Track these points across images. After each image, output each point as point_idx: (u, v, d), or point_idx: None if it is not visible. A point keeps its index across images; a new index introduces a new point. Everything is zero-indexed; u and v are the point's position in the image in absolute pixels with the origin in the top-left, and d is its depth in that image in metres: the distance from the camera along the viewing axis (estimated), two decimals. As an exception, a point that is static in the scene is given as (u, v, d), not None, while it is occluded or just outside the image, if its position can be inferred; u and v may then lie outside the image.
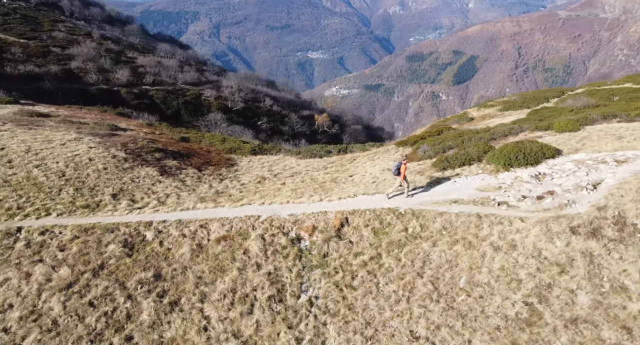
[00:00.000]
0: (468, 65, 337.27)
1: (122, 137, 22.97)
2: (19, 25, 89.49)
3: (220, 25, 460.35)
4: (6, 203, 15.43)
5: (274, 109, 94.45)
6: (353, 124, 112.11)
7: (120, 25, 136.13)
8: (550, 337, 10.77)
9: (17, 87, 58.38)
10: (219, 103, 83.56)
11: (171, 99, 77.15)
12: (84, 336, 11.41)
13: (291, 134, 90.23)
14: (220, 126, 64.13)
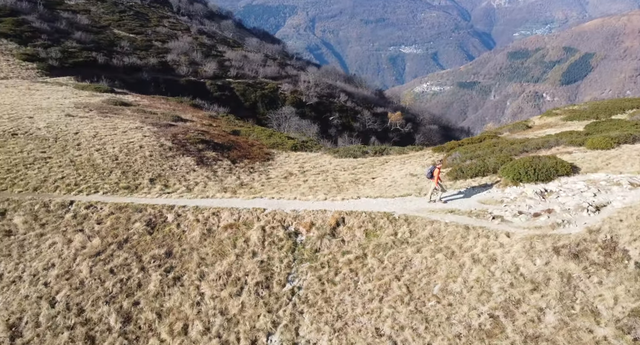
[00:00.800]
0: (581, 63, 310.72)
1: (177, 128, 25.80)
2: (131, 21, 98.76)
3: (316, 19, 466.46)
4: (67, 179, 18.54)
5: (347, 104, 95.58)
6: (429, 124, 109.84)
7: (219, 20, 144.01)
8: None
9: (120, 76, 65.23)
10: (293, 97, 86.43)
11: (250, 91, 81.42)
12: (101, 297, 13.81)
13: (361, 131, 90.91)
14: (290, 120, 66.76)
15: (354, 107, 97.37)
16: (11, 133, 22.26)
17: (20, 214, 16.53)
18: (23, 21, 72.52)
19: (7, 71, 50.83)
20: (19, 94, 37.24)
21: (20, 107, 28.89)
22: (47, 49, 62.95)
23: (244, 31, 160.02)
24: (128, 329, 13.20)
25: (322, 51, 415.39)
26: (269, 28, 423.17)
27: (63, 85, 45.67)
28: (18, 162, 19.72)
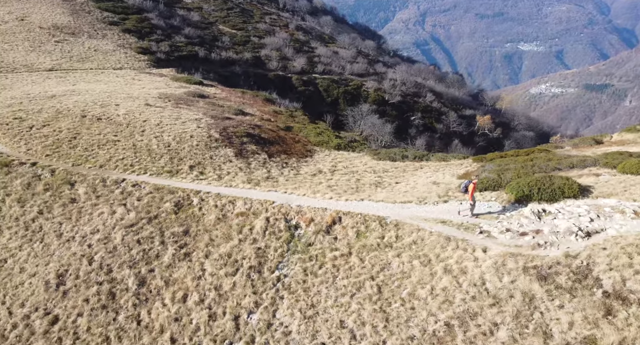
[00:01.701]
0: None
1: (232, 121, 28.60)
2: (236, 18, 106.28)
3: (427, 13, 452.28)
4: (125, 160, 22.05)
5: (433, 105, 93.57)
6: (525, 129, 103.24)
7: (321, 16, 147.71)
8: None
9: (216, 69, 71.15)
10: (376, 95, 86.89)
11: (333, 88, 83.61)
12: (126, 262, 16.70)
13: (444, 133, 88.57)
14: (366, 117, 67.57)
15: (440, 108, 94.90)
16: (97, 118, 26.65)
17: (84, 186, 20.21)
18: (145, 18, 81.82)
19: (123, 62, 58.40)
20: (122, 83, 43.17)
21: (115, 95, 33.88)
22: (159, 43, 70.71)
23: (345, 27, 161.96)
24: (141, 291, 15.90)
25: (430, 47, 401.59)
26: (377, 22, 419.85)
27: (162, 76, 51.58)
28: (94, 143, 23.77)
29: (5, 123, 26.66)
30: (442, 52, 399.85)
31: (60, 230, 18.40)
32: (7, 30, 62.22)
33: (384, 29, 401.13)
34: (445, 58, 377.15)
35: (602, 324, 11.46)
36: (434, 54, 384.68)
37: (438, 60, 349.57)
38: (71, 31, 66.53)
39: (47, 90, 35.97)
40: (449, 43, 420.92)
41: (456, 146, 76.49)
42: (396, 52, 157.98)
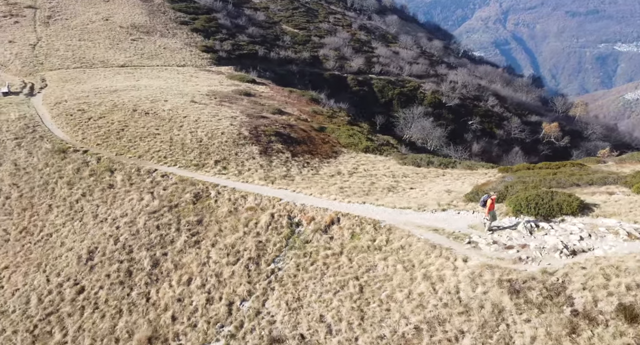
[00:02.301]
0: None
1: (266, 120, 30.11)
2: (300, 18, 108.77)
3: (510, 11, 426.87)
4: (161, 153, 24.27)
5: (494, 109, 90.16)
6: (600, 139, 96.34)
7: (390, 15, 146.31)
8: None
9: (273, 68, 73.70)
10: (433, 97, 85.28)
11: (388, 89, 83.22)
12: (145, 244, 18.64)
13: (504, 139, 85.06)
14: (417, 120, 66.71)
15: (502, 113, 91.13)
16: (145, 112, 29.32)
17: (122, 174, 22.59)
18: (213, 18, 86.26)
19: (187, 60, 62.38)
20: (180, 80, 46.44)
21: (168, 91, 36.77)
22: (223, 42, 74.46)
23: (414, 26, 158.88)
24: (153, 272, 17.73)
25: (511, 46, 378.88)
26: (454, 21, 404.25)
27: (219, 74, 54.61)
28: (138, 135, 26.30)
29: (70, 114, 30.13)
30: (523, 52, 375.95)
31: (97, 212, 20.83)
32: (93, 29, 68.34)
33: (461, 28, 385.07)
34: (526, 59, 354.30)
35: (564, 341, 11.50)
36: (515, 54, 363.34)
37: (519, 61, 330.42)
38: (146, 30, 71.79)
39: (112, 84, 39.74)
40: (533, 43, 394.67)
41: (516, 154, 73.37)
42: (467, 52, 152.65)
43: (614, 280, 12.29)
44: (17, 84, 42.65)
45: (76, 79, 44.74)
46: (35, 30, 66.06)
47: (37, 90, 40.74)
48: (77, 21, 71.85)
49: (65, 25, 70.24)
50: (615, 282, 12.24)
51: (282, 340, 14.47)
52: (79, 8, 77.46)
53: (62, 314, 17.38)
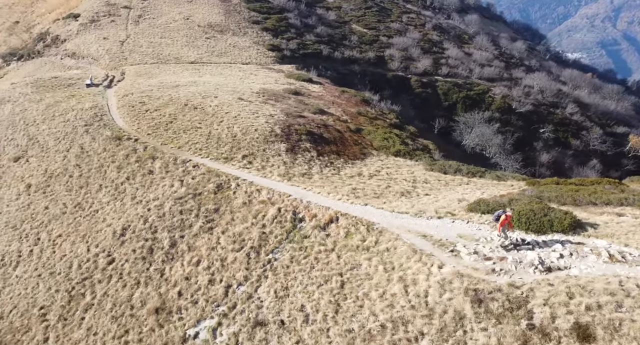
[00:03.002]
0: None
1: (303, 119, 31.48)
2: (371, 17, 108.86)
3: (623, 8, 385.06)
4: (197, 145, 26.61)
5: (573, 117, 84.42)
6: None
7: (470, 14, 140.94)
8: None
9: (336, 67, 74.98)
10: (502, 102, 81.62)
11: (453, 91, 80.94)
12: (167, 226, 20.85)
13: (581, 150, 79.38)
14: (477, 126, 64.42)
15: (582, 122, 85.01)
16: (194, 107, 32.02)
17: (161, 162, 25.18)
18: (284, 18, 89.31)
19: (252, 58, 65.67)
20: (238, 77, 49.36)
21: (222, 88, 39.46)
22: (289, 41, 77.12)
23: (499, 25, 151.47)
24: (170, 251, 19.89)
25: (621, 47, 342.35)
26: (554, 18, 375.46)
27: (279, 72, 56.97)
28: (182, 128, 28.95)
29: (132, 105, 33.69)
30: (636, 52, 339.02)
31: (135, 194, 23.53)
32: (174, 28, 73.90)
33: (561, 26, 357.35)
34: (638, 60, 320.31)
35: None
36: (625, 55, 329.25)
37: (629, 64, 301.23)
38: (220, 29, 76.25)
39: (176, 80, 43.36)
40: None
41: (593, 167, 68.59)
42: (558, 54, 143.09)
43: (576, 299, 12.21)
44: (100, 77, 47.95)
45: (149, 73, 49.26)
46: (126, 28, 72.73)
47: (114, 83, 45.58)
48: (161, 20, 77.96)
49: (151, 23, 76.50)
50: (577, 301, 12.17)
51: (265, 324, 15.84)
52: (166, 8, 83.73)
53: (94, 280, 20.10)
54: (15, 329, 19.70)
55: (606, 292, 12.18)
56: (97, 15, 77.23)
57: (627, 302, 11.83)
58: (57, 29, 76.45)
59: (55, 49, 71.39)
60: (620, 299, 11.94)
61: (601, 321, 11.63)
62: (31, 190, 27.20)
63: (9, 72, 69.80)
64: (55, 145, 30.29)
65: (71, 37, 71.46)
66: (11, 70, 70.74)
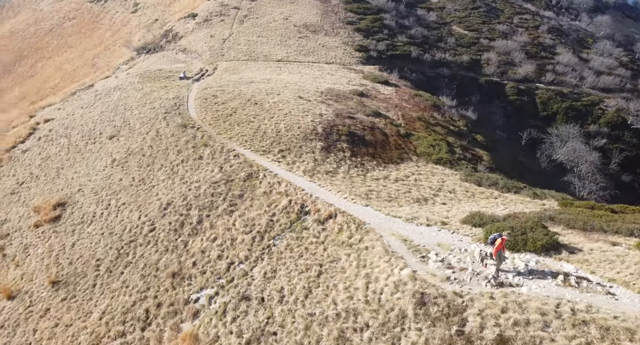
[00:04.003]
0: None
1: (350, 121, 32.77)
2: (476, 18, 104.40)
3: None
4: (245, 137, 29.50)
5: None
6: None
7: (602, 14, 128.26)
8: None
9: (423, 70, 74.33)
10: (615, 116, 73.81)
11: (555, 101, 74.96)
12: (199, 205, 23.92)
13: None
14: (569, 140, 59.27)
15: None
16: (254, 102, 35.14)
17: (210, 149, 28.47)
18: (379, 19, 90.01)
19: (337, 57, 67.94)
20: (315, 76, 51.95)
21: (291, 85, 42.25)
22: (379, 42, 77.91)
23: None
24: (196, 227, 22.93)
25: None
26: None
27: (358, 73, 58.54)
28: (238, 121, 32.15)
29: (205, 98, 37.95)
30: None
31: (184, 176, 27.13)
32: (272, 27, 78.95)
33: None
34: None
35: None
36: None
37: None
38: (314, 29, 79.70)
39: (255, 76, 47.24)
40: None
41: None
42: None
43: (508, 314, 12.54)
44: (194, 71, 53.87)
45: (235, 69, 54.06)
46: (231, 27, 79.42)
47: (204, 77, 50.98)
48: (263, 20, 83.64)
49: (254, 23, 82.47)
50: (508, 315, 12.49)
51: (249, 299, 18.01)
52: (269, 8, 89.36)
53: (137, 243, 23.93)
54: (76, 273, 24.29)
55: (538, 311, 12.28)
56: (211, 14, 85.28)
57: (555, 323, 11.86)
58: (178, 27, 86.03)
59: (173, 45, 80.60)
60: (549, 319, 12.00)
61: (524, 337, 11.84)
62: (114, 164, 32.40)
63: (137, 63, 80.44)
64: (139, 127, 35.47)
65: (186, 34, 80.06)
66: (139, 62, 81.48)
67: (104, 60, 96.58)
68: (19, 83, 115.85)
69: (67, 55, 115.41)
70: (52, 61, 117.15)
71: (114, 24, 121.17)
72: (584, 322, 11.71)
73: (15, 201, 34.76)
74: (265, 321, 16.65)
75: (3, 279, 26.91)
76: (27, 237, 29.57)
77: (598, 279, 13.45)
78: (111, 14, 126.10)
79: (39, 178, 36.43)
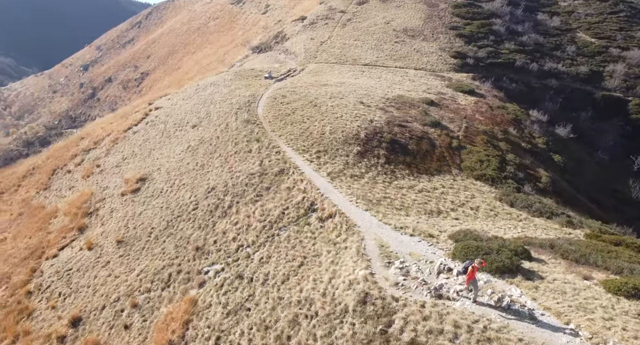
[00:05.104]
0: None
1: (399, 128, 33.25)
2: (611, 24, 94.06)
3: None
4: (292, 135, 32.02)
5: None
6: None
7: None
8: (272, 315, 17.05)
9: (526, 80, 69.94)
10: None
11: (691, 128, 65.14)
12: (233, 193, 27.00)
13: None
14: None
15: None
16: (314, 105, 37.48)
17: (258, 145, 31.52)
18: (487, 24, 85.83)
19: (429, 64, 67.01)
20: (393, 81, 52.59)
21: (359, 90, 43.75)
22: (480, 48, 74.90)
23: None
24: (226, 211, 26.06)
25: None
26: None
27: (443, 81, 57.58)
28: (292, 121, 34.76)
29: (275, 97, 41.34)
30: None
31: (232, 165, 30.55)
32: (371, 31, 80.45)
33: None
34: None
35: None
36: None
37: None
38: (412, 34, 79.44)
39: (331, 79, 49.61)
40: None
41: None
42: None
43: (427, 322, 13.54)
44: (282, 72, 58.00)
45: (319, 72, 57.01)
46: (332, 31, 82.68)
47: (287, 78, 54.75)
48: (365, 24, 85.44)
49: (355, 27, 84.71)
50: (426, 323, 13.56)
51: (242, 278, 20.57)
52: (374, 12, 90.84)
53: (181, 218, 27.86)
54: (135, 237, 29.01)
55: (454, 324, 12.90)
56: (317, 18, 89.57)
57: (463, 336, 12.48)
58: (288, 29, 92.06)
59: (280, 46, 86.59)
60: (460, 332, 12.61)
61: (432, 344, 12.51)
62: (188, 149, 37.30)
63: (247, 61, 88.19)
64: (216, 120, 40.12)
65: (292, 36, 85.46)
66: (249, 60, 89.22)
67: (230, 57, 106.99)
68: (168, 74, 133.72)
69: (206, 51, 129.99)
70: (194, 56, 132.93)
71: (246, 24, 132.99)
72: (489, 339, 12.10)
73: (116, 173, 41.67)
74: (246, 298, 18.99)
75: (90, 234, 33.00)
76: (114, 203, 35.65)
77: (535, 305, 13.37)
78: (246, 15, 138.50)
79: (136, 155, 43.11)
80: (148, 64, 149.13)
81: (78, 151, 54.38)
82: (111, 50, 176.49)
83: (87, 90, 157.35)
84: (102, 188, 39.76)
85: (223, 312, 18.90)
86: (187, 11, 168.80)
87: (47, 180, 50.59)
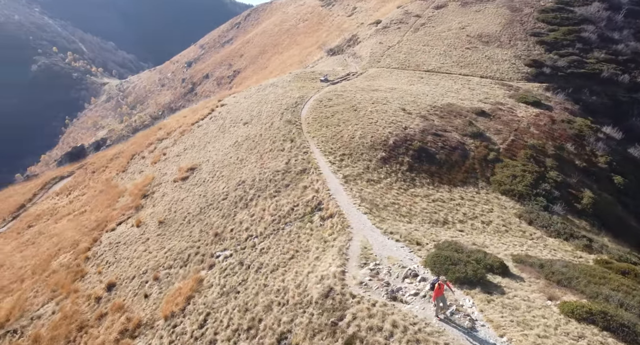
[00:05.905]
0: None
1: (434, 137, 33.01)
2: None
3: None
4: (323, 138, 33.33)
5: None
6: None
7: None
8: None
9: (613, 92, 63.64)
10: None
11: None
12: (257, 187, 28.97)
13: None
14: None
15: None
16: (354, 109, 38.41)
17: (291, 144, 33.23)
18: (575, 30, 79.82)
19: (499, 72, 64.19)
20: (448, 88, 51.69)
21: (407, 97, 43.84)
22: (562, 57, 70.18)
23: None
24: (248, 203, 28.16)
25: None
26: None
27: (510, 90, 55.24)
28: (328, 124, 36.07)
29: (320, 100, 42.91)
30: None
31: (264, 161, 32.62)
32: (443, 37, 78.91)
33: None
34: None
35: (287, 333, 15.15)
36: None
37: None
38: (487, 40, 76.63)
39: (383, 84, 50.06)
40: None
41: None
42: None
43: (371, 320, 14.79)
44: (340, 75, 59.31)
45: (376, 76, 57.55)
46: (403, 35, 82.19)
47: (342, 81, 55.94)
48: (438, 29, 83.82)
49: (427, 32, 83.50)
50: (370, 320, 14.74)
51: (242, 264, 22.45)
52: (450, 17, 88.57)
53: (212, 206, 30.46)
54: (173, 219, 32.16)
55: (392, 324, 13.89)
56: (391, 22, 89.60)
57: (397, 335, 13.43)
58: (361, 32, 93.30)
59: (350, 49, 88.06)
60: (396, 332, 13.55)
61: (370, 339, 13.70)
62: (235, 144, 40.17)
63: (318, 63, 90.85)
64: (264, 119, 42.65)
65: (364, 39, 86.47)
66: (320, 62, 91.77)
67: (309, 59, 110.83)
68: (256, 72, 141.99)
69: (292, 52, 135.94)
70: (281, 56, 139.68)
71: (331, 26, 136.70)
72: (417, 340, 12.74)
73: (175, 161, 45.87)
74: (239, 282, 20.79)
75: (143, 213, 36.98)
76: (167, 188, 39.49)
77: (480, 316, 13.64)
78: (333, 17, 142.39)
79: (194, 147, 47.06)
80: (240, 63, 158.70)
81: (153, 140, 60.12)
82: (212, 49, 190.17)
83: (188, 85, 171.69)
84: (162, 174, 44.00)
85: (219, 292, 20.85)
86: (281, 13, 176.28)
87: (126, 164, 56.62)
